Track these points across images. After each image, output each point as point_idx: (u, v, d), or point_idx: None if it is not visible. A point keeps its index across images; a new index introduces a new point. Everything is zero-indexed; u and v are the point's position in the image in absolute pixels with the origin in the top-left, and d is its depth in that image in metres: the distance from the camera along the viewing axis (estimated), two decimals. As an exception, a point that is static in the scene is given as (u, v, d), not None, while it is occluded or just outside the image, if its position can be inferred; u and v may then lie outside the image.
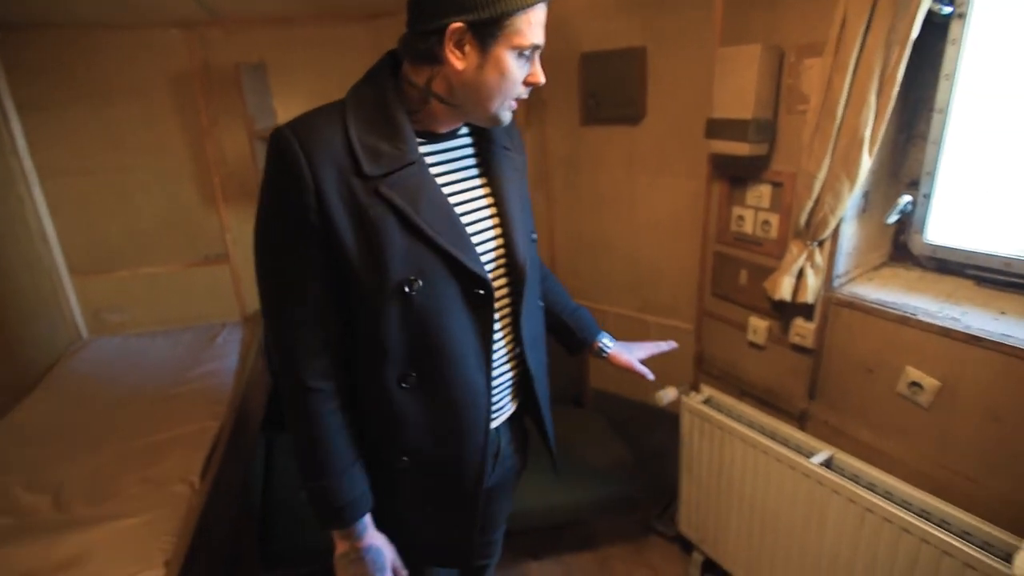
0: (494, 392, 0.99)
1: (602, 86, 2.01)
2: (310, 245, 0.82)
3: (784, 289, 1.50)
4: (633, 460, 2.02)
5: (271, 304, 0.88)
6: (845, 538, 1.34)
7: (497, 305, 0.95)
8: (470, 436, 0.96)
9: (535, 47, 0.81)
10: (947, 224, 1.41)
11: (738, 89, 1.52)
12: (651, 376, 1.24)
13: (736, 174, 1.70)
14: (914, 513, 1.22)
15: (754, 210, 1.68)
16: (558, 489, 1.88)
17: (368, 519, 0.95)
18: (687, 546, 1.95)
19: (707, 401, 1.77)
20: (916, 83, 1.35)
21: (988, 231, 1.33)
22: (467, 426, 0.95)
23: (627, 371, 1.24)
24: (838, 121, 1.30)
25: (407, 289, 0.83)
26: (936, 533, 1.15)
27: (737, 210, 1.73)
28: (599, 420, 2.26)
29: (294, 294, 0.85)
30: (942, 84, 1.32)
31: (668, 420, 2.10)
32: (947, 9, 1.25)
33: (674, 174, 1.95)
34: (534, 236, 1.04)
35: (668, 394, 1.85)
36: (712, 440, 1.71)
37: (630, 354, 1.25)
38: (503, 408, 1.05)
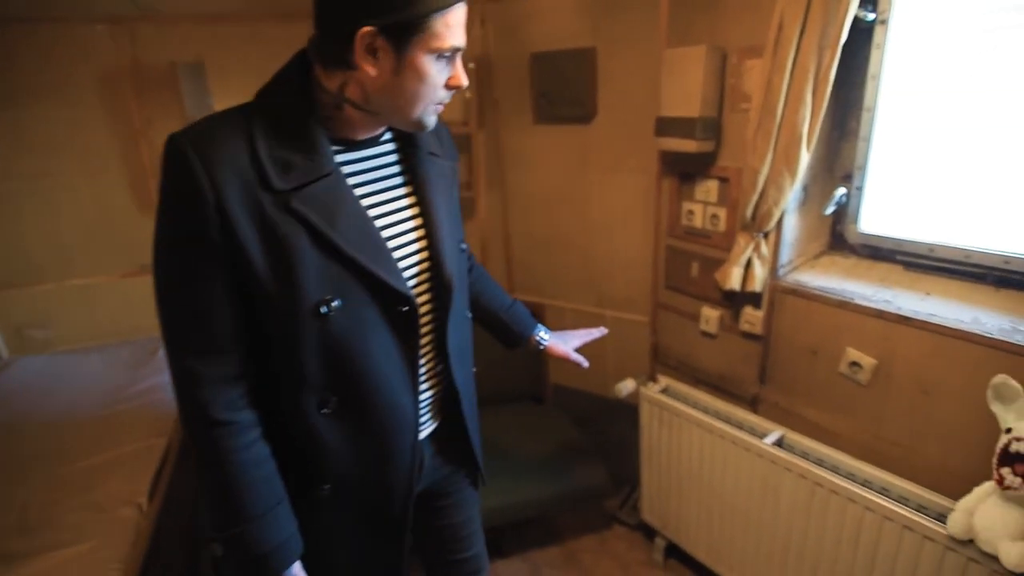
0: (419, 411, 0.94)
1: (554, 86, 2.05)
2: (213, 266, 0.75)
3: (734, 279, 1.57)
4: (595, 453, 2.06)
5: (171, 331, 0.78)
6: (798, 512, 1.42)
7: (421, 321, 0.90)
8: (397, 460, 0.91)
9: (455, 49, 0.76)
10: (878, 214, 1.52)
11: (685, 88, 1.58)
12: (585, 364, 1.24)
13: (685, 170, 1.77)
14: (858, 484, 1.31)
15: (703, 204, 1.75)
16: (522, 485, 1.89)
17: (299, 568, 0.86)
18: (650, 533, 2.01)
19: (664, 390, 1.83)
20: (846, 84, 1.45)
21: (914, 219, 1.44)
22: (394, 450, 0.90)
23: (564, 361, 1.25)
24: (778, 119, 1.38)
25: (323, 310, 0.78)
26: (878, 501, 1.24)
27: (687, 205, 1.80)
28: (559, 415, 2.29)
29: (196, 320, 0.77)
30: (869, 84, 1.42)
31: (627, 412, 2.16)
32: (871, 16, 1.35)
33: (626, 171, 2.01)
34: (464, 246, 1.00)
35: (627, 386, 1.90)
36: (671, 428, 1.77)
37: (565, 344, 1.26)
38: (426, 424, 1.01)
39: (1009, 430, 1.03)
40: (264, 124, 0.76)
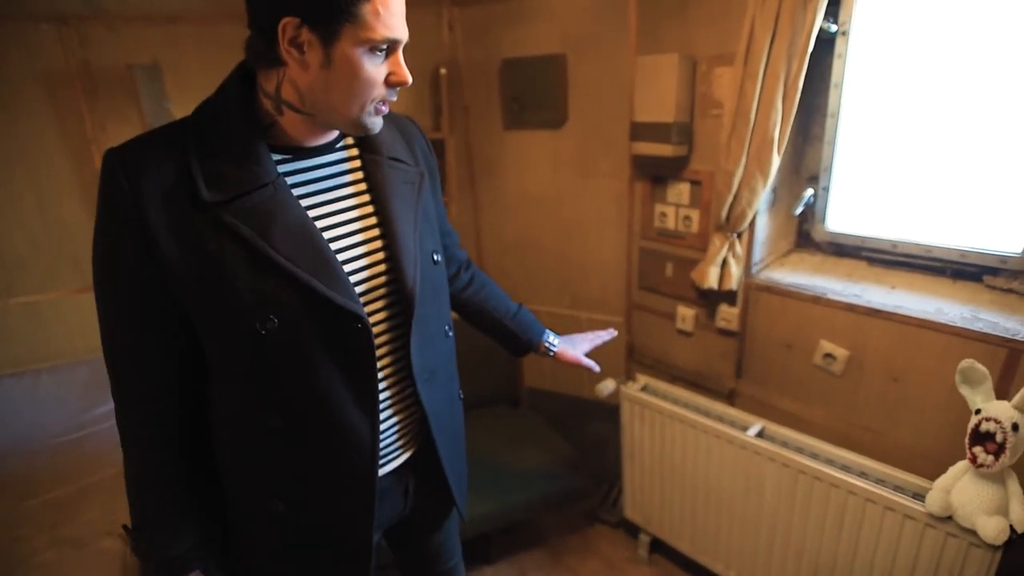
0: (385, 432, 0.90)
1: (524, 91, 2.07)
2: (139, 286, 0.74)
3: (711, 278, 1.63)
4: (574, 453, 2.09)
5: (104, 342, 0.79)
6: (782, 500, 1.49)
7: (381, 340, 0.85)
8: (353, 484, 0.86)
9: (391, 41, 0.70)
10: (842, 213, 1.61)
11: (659, 95, 1.63)
12: (597, 368, 1.24)
13: (657, 174, 1.82)
14: (839, 469, 1.38)
15: (675, 207, 1.80)
16: (507, 491, 1.89)
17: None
18: (631, 530, 2.05)
19: (644, 388, 1.87)
20: (810, 91, 1.53)
21: (876, 217, 1.54)
22: (348, 473, 0.85)
23: (575, 366, 1.23)
24: (751, 124, 1.44)
25: (259, 328, 0.74)
26: (860, 484, 1.31)
27: (659, 207, 1.85)
28: (536, 418, 2.31)
29: (124, 333, 0.78)
30: (832, 92, 1.50)
31: (603, 411, 2.19)
32: (833, 27, 1.43)
33: (598, 175, 2.04)
34: (438, 257, 0.93)
35: (608, 386, 1.93)
36: (652, 425, 1.81)
37: (575, 349, 1.24)
38: (398, 451, 0.94)
39: (979, 411, 1.11)
40: (200, 136, 0.73)
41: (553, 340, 1.22)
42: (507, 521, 1.91)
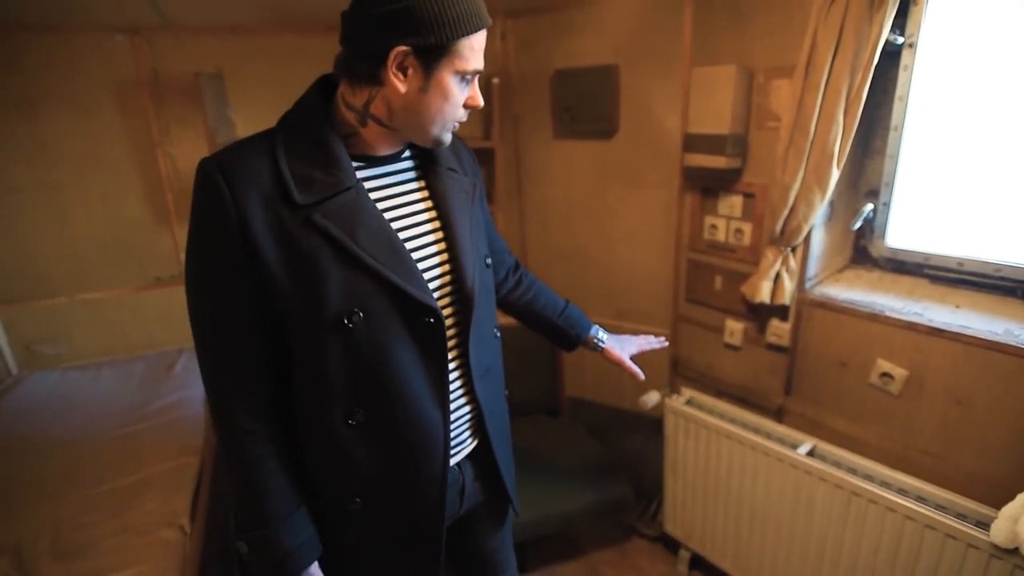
0: (452, 427, 0.94)
1: (576, 102, 2.07)
2: (237, 281, 0.79)
3: (764, 292, 1.61)
4: (614, 464, 2.07)
5: (201, 343, 0.84)
6: (833, 522, 1.45)
7: (448, 335, 0.90)
8: (426, 475, 0.91)
9: (476, 71, 0.81)
10: (904, 229, 1.56)
11: (715, 107, 1.62)
12: (642, 376, 1.24)
13: (708, 185, 1.81)
14: (895, 492, 1.34)
15: (726, 219, 1.78)
16: (546, 500, 1.89)
17: (315, 569, 0.89)
18: (671, 545, 2.02)
19: (689, 402, 1.85)
20: (871, 103, 1.50)
21: (941, 234, 1.49)
22: (423, 464, 0.90)
23: (619, 367, 1.25)
24: (810, 137, 1.42)
25: (346, 322, 0.80)
26: (919, 509, 1.27)
27: (709, 219, 1.83)
28: (576, 428, 2.30)
29: (223, 333, 0.82)
30: (896, 105, 1.47)
31: (644, 423, 2.18)
32: (900, 39, 1.40)
33: (646, 186, 2.04)
34: (488, 261, 1.00)
35: (652, 398, 1.92)
36: (697, 439, 1.79)
37: (622, 349, 1.26)
38: (463, 444, 1.00)
39: (1054, 439, 1.06)
40: (287, 144, 0.79)
41: (602, 335, 1.26)
42: (544, 530, 1.91)
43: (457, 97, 0.81)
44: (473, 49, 0.79)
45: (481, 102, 0.86)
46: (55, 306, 2.16)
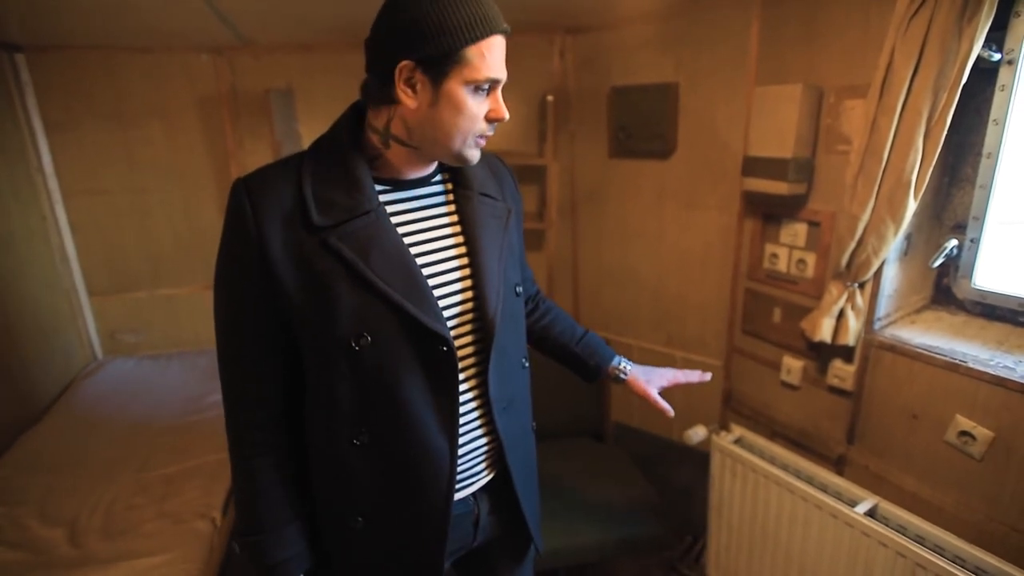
0: (462, 457, 0.92)
1: (633, 120, 2.01)
2: (254, 298, 0.81)
3: (824, 330, 1.47)
4: (658, 497, 1.96)
5: (219, 352, 0.86)
6: (893, 594, 1.29)
7: (465, 364, 0.89)
8: (429, 502, 0.89)
9: (492, 80, 0.77)
10: (995, 268, 1.38)
11: (777, 128, 1.51)
12: (671, 412, 1.14)
13: (770, 211, 1.69)
14: (968, 571, 1.17)
15: (788, 248, 1.66)
16: (581, 529, 1.82)
17: None
18: (714, 591, 1.88)
19: (738, 441, 1.72)
20: (960, 127, 1.35)
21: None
22: (426, 491, 0.88)
23: (644, 400, 1.15)
24: (883, 163, 1.28)
25: (354, 345, 0.80)
26: (996, 594, 1.10)
27: (770, 247, 1.71)
28: (620, 454, 2.20)
29: (239, 345, 0.84)
30: (991, 129, 1.30)
31: (693, 458, 2.05)
32: (996, 56, 1.24)
33: (704, 208, 1.94)
34: (519, 289, 0.97)
35: (698, 432, 1.80)
36: (744, 482, 1.66)
37: (648, 383, 1.15)
38: (478, 476, 0.97)
39: None
40: (314, 167, 0.81)
41: (625, 366, 1.17)
42: (578, 560, 1.83)
43: (473, 109, 0.78)
44: (484, 57, 0.75)
45: (505, 114, 0.81)
46: (136, 299, 2.37)
